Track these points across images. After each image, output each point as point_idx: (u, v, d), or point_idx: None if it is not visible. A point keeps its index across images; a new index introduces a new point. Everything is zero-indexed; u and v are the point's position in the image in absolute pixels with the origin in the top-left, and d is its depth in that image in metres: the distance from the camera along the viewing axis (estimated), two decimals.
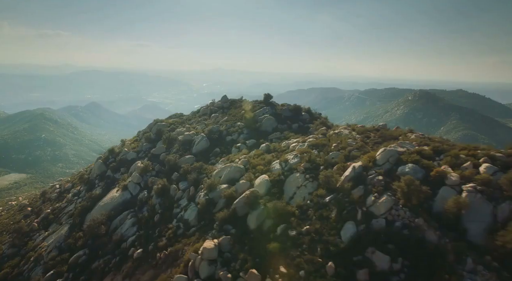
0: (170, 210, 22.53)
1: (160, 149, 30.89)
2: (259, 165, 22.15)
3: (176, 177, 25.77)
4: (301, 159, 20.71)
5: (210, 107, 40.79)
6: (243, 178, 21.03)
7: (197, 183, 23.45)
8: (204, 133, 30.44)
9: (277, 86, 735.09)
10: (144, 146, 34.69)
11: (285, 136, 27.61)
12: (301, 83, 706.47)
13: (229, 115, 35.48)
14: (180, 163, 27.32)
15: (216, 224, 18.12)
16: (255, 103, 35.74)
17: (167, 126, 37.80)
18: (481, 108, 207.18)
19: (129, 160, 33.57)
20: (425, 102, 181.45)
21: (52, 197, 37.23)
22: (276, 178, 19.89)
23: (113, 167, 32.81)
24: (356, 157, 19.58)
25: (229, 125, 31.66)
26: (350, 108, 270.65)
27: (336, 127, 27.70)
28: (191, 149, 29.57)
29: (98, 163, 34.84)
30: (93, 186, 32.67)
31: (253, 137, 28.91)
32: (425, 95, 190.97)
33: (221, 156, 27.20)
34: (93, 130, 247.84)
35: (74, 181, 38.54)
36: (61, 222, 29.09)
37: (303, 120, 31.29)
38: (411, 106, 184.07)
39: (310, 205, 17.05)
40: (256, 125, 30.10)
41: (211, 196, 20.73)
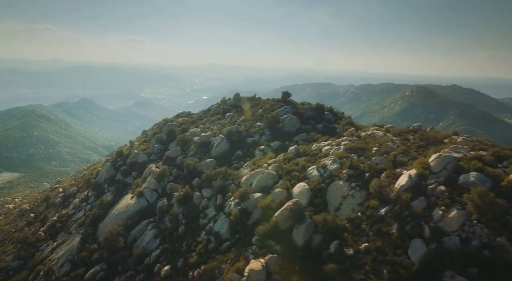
0: (195, 221, 20.67)
1: (175, 151, 28.89)
2: (293, 171, 20.40)
3: (198, 183, 23.88)
4: (342, 165, 19.02)
5: (222, 105, 38.81)
6: (278, 186, 19.26)
7: (223, 190, 21.61)
8: (222, 135, 28.53)
9: (271, 81, 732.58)
10: (155, 148, 32.64)
11: (312, 138, 25.85)
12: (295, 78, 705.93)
13: (246, 114, 33.57)
14: (200, 167, 25.42)
15: (256, 239, 16.36)
16: (273, 102, 33.87)
17: (177, 126, 35.77)
18: (476, 103, 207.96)
19: (140, 163, 31.55)
20: (423, 98, 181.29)
21: (56, 202, 35.04)
22: (316, 187, 18.17)
23: (124, 170, 30.75)
24: (404, 163, 17.96)
25: (249, 126, 29.79)
26: (346, 104, 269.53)
27: (367, 128, 26.08)
28: (210, 151, 27.67)
29: (106, 166, 32.72)
30: (102, 191, 30.60)
31: (276, 139, 27.11)
32: (422, 91, 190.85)
33: (244, 159, 25.36)
34: (87, 127, 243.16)
35: (79, 184, 36.35)
36: (70, 232, 27.03)
37: (327, 120, 29.56)
38: (409, 101, 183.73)
39: (363, 218, 15.39)
40: (279, 126, 28.25)
41: (244, 206, 18.93)
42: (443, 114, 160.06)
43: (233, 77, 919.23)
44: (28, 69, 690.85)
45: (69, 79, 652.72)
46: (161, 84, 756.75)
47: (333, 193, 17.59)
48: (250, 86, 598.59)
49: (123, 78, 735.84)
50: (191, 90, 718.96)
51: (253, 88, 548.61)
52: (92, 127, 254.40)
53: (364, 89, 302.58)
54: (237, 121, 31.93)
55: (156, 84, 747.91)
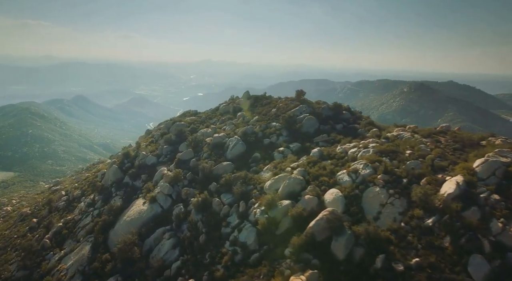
0: (217, 230, 19.38)
1: (188, 153, 27.48)
2: (321, 175, 19.16)
3: (215, 188, 22.55)
4: (375, 169, 17.82)
5: (231, 104, 37.41)
6: (307, 192, 18.02)
7: (245, 196, 20.32)
8: (238, 136, 27.19)
9: (267, 77, 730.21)
10: (164, 149, 31.20)
11: (333, 139, 24.63)
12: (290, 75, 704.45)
13: (259, 113, 32.24)
14: (216, 171, 24.08)
15: (290, 252, 15.13)
16: (287, 101, 32.57)
17: (186, 126, 34.33)
18: (473, 99, 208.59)
19: (148, 165, 30.11)
20: (421, 94, 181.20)
21: (60, 206, 33.49)
22: (350, 193, 16.97)
23: (132, 173, 29.29)
24: (443, 168, 16.83)
25: (264, 126, 28.47)
26: (343, 100, 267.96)
27: (390, 129, 24.91)
28: (225, 153, 26.33)
29: (113, 169, 31.21)
30: (110, 196, 29.16)
31: (295, 140, 25.85)
32: (420, 87, 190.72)
33: (263, 162, 24.05)
34: (82, 124, 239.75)
35: (84, 187, 34.79)
36: (78, 239, 25.58)
37: (345, 120, 28.34)
38: (407, 98, 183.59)
39: (407, 229, 14.22)
40: (296, 126, 26.98)
41: (272, 215, 17.66)
42: (442, 111, 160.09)
43: (229, 74, 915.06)
44: (19, 66, 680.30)
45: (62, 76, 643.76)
46: (156, 81, 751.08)
47: (369, 201, 16.40)
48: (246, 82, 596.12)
49: (118, 75, 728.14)
50: (186, 86, 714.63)
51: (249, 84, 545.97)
52: (87, 124, 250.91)
53: (361, 86, 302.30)
54: (251, 121, 30.58)
55: (151, 81, 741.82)
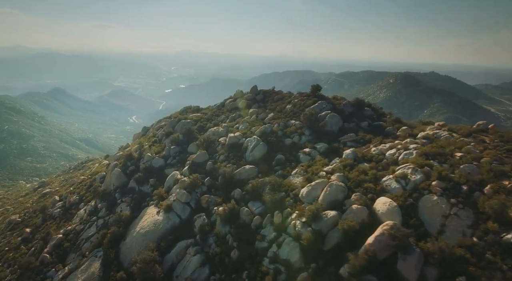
0: (250, 244, 17.41)
1: (202, 156, 25.17)
2: (364, 181, 17.43)
3: (240, 196, 20.49)
4: (427, 174, 16.22)
5: (239, 99, 35.10)
6: (353, 201, 16.27)
7: (279, 205, 18.38)
8: (257, 135, 25.08)
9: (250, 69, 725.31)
10: (171, 150, 28.76)
11: (363, 139, 22.92)
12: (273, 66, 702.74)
13: (272, 110, 30.18)
14: (239, 175, 21.98)
15: (349, 273, 13.39)
16: (302, 96, 30.61)
17: (192, 124, 31.92)
18: (454, 90, 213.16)
19: (156, 168, 27.66)
20: (407, 86, 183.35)
21: (56, 214, 30.59)
22: (405, 203, 15.33)
23: (139, 178, 26.77)
24: (506, 174, 15.38)
25: (283, 125, 26.45)
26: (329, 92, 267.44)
27: (422, 127, 23.38)
28: (244, 155, 24.22)
29: (115, 172, 28.52)
30: (114, 203, 26.60)
31: (319, 140, 24.02)
32: (406, 78, 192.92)
33: (289, 165, 22.12)
34: (60, 118, 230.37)
35: (81, 192, 31.93)
36: (83, 253, 23.02)
37: (368, 117, 26.70)
38: (394, 89, 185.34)
39: (483, 245, 12.66)
40: (319, 125, 25.12)
41: (317, 227, 15.83)
42: (428, 102, 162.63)
43: (210, 65, 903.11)
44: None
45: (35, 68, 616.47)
46: (135, 73, 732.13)
47: (428, 211, 14.78)
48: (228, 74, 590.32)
49: (95, 66, 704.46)
50: (167, 78, 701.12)
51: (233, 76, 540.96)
52: (67, 118, 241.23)
53: (345, 77, 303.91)
54: (266, 119, 28.48)
55: (130, 72, 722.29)
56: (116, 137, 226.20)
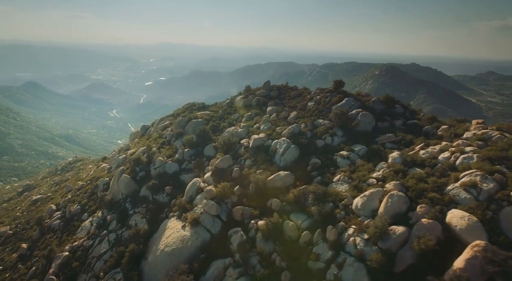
0: (302, 264, 15.41)
1: (225, 160, 22.76)
2: (426, 191, 15.69)
3: (279, 207, 18.38)
4: (500, 183, 14.63)
5: (251, 97, 32.72)
6: (420, 214, 14.49)
7: (329, 218, 16.41)
8: (285, 137, 22.92)
9: (231, 60, 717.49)
10: (185, 154, 26.24)
11: (404, 140, 21.20)
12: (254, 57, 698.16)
13: (293, 108, 28.08)
14: (273, 183, 19.83)
15: None
16: (324, 93, 28.61)
17: (204, 124, 29.43)
18: (435, 81, 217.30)
19: (170, 174, 25.14)
20: (393, 77, 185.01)
21: (54, 225, 27.59)
22: (486, 217, 13.67)
23: (153, 186, 24.15)
24: None
25: (310, 124, 24.40)
26: (313, 83, 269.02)
27: (465, 126, 21.86)
28: (273, 159, 22.05)
29: (124, 179, 25.75)
30: (126, 214, 23.96)
31: (353, 140, 22.15)
32: (391, 70, 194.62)
33: (328, 170, 20.15)
34: (37, 114, 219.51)
35: (82, 201, 28.94)
36: (96, 275, 20.39)
37: (400, 115, 25.04)
38: (380, 80, 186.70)
39: None
40: (352, 124, 23.22)
41: (384, 246, 13.99)
42: (413, 93, 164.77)
43: (190, 57, 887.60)
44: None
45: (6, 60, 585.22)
46: (113, 65, 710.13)
47: None
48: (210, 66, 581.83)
49: (70, 58, 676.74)
50: (146, 71, 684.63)
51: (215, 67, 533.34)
52: (43, 114, 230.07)
53: (329, 68, 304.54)
54: (289, 118, 26.33)
55: (108, 65, 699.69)
56: (98, 133, 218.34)
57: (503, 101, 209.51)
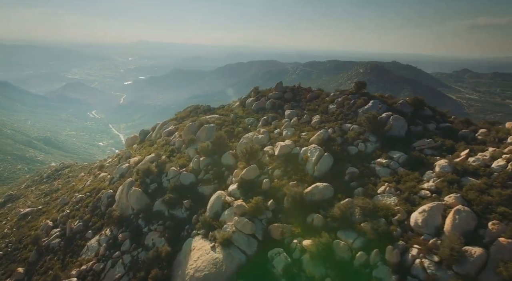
0: None
1: (252, 171, 20.74)
2: (494, 204, 14.33)
3: (322, 223, 16.65)
4: None
5: (263, 99, 30.82)
6: (494, 232, 13.11)
7: (384, 236, 14.81)
8: (315, 144, 21.20)
9: (212, 59, 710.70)
10: (201, 163, 24.08)
11: (444, 145, 19.91)
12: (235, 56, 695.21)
13: (313, 111, 26.43)
14: (312, 196, 18.08)
15: None
16: (345, 95, 27.11)
17: (217, 129, 27.34)
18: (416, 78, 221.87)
19: (186, 185, 22.97)
20: (377, 75, 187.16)
21: (54, 245, 24.84)
22: None
23: (169, 200, 21.87)
24: None
25: (339, 130, 22.80)
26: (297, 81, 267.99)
27: (507, 129, 20.83)
28: (306, 169, 20.27)
29: (135, 193, 23.31)
30: (139, 232, 21.60)
31: (388, 147, 20.70)
32: (375, 68, 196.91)
33: (368, 180, 18.59)
34: (10, 116, 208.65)
35: (84, 216, 26.25)
36: None
37: (430, 117, 23.82)
38: (365, 79, 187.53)
39: None
40: (384, 129, 21.77)
41: (461, 271, 12.51)
42: (398, 91, 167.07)
43: (169, 55, 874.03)
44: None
45: None
46: (89, 64, 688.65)
47: None
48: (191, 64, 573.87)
49: (43, 57, 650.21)
50: (125, 70, 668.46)
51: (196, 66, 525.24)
52: (17, 116, 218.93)
53: (312, 66, 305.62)
54: (313, 122, 24.63)
55: (84, 63, 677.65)
56: (77, 134, 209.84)
57: (480, 97, 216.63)
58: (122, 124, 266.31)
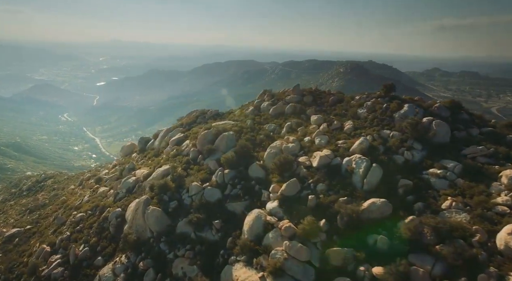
0: None
1: (293, 186, 18.52)
2: None
3: (388, 246, 14.78)
4: None
5: (281, 103, 28.72)
6: None
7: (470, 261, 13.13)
8: (360, 154, 19.32)
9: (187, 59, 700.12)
10: (226, 177, 21.64)
11: (498, 153, 18.59)
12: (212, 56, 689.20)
13: (342, 116, 24.64)
14: (369, 214, 16.15)
15: None
16: (374, 98, 25.49)
17: (234, 136, 24.98)
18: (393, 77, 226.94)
19: (212, 203, 20.45)
20: (358, 74, 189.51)
21: (56, 275, 21.57)
22: None
23: (197, 221, 19.29)
24: None
25: (377, 137, 21.03)
26: (277, 82, 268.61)
27: None
28: (353, 183, 18.31)
29: (154, 213, 20.49)
30: (163, 258, 18.91)
31: (437, 155, 19.20)
32: (356, 67, 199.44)
33: (427, 194, 16.91)
34: None
35: (90, 239, 23.05)
36: None
37: (468, 122, 22.55)
38: (346, 78, 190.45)
39: None
40: (429, 135, 20.23)
41: None
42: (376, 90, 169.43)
43: (144, 55, 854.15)
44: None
45: None
46: (58, 64, 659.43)
47: None
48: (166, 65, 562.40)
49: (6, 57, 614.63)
50: (96, 70, 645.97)
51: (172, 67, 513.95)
52: None
53: (291, 66, 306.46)
54: (346, 128, 22.76)
55: (52, 64, 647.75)
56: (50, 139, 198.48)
57: (453, 96, 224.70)
58: (97, 127, 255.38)
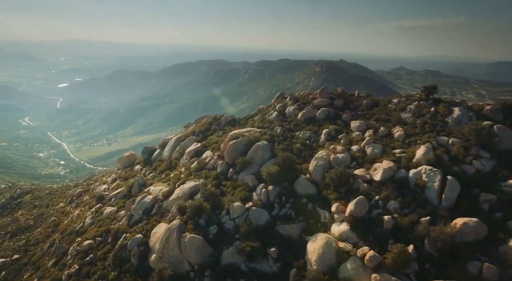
0: None
1: (361, 205, 16.18)
2: None
3: (493, 274, 12.88)
4: None
5: (313, 106, 26.33)
6: None
7: None
8: (429, 165, 17.33)
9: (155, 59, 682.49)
10: (271, 194, 18.94)
11: None
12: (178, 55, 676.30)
13: (383, 121, 22.68)
14: (461, 236, 14.13)
15: None
16: (415, 101, 23.73)
17: (267, 146, 22.28)
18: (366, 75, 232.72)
19: (261, 226, 17.67)
20: (333, 73, 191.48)
21: None
22: None
23: (251, 251, 16.41)
24: None
25: (437, 145, 19.19)
26: (251, 81, 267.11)
27: None
28: (428, 198, 16.24)
29: (194, 242, 17.28)
30: None
31: (508, 164, 17.69)
32: (331, 66, 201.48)
33: None
34: None
35: (107, 273, 19.41)
36: None
37: None
38: (322, 77, 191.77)
39: None
40: (494, 142, 18.69)
41: None
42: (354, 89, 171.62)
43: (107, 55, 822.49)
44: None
45: None
46: (14, 65, 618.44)
47: None
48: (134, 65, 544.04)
49: None
50: (57, 71, 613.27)
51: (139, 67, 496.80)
52: None
53: (264, 66, 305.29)
54: (396, 135, 20.75)
55: (7, 65, 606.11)
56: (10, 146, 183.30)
57: None
58: (63, 131, 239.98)
